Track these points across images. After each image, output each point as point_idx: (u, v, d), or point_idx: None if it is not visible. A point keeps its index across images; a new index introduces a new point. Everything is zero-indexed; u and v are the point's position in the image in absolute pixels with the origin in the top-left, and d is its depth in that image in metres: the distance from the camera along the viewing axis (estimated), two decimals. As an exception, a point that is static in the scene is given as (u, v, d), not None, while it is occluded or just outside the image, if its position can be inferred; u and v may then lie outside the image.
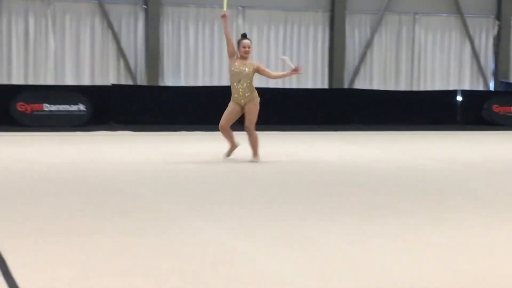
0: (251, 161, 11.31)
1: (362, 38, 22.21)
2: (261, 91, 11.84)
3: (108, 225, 6.37)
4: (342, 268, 5.00)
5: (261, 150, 11.48)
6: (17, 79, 19.63)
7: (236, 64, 11.29)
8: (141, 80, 20.56)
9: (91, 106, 18.19)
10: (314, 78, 21.88)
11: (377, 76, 22.37)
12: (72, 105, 18.08)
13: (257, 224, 6.52)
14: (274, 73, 11.99)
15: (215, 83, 20.47)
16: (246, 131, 11.36)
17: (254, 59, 21.26)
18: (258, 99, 11.36)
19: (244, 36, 11.48)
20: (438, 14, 22.60)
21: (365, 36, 22.21)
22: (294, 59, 21.62)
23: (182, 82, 20.57)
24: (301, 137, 16.47)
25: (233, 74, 11.30)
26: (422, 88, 22.46)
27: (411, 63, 22.60)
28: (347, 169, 10.79)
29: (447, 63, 22.85)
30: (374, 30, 22.07)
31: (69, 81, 20.01)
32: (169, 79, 20.70)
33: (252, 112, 11.32)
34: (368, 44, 22.12)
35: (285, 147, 14.17)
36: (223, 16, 11.42)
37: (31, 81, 19.70)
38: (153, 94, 19.19)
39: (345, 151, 13.68)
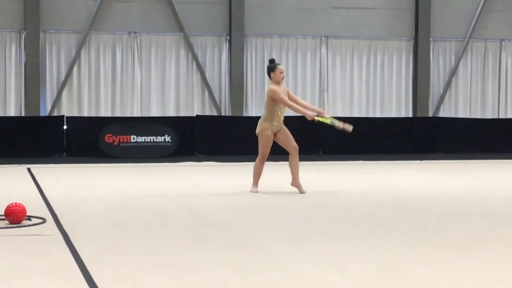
0: (300, 192, 11.09)
1: (447, 65, 21.94)
2: (344, 120, 11.73)
3: (204, 258, 6.39)
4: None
5: (345, 179, 11.39)
6: (105, 112, 20.03)
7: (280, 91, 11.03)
8: (226, 111, 20.73)
9: (176, 137, 18.44)
10: (398, 106, 21.68)
11: (462, 104, 22.03)
12: (159, 136, 18.36)
13: (352, 256, 6.46)
14: (298, 102, 11.46)
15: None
16: (294, 153, 11.15)
17: (338, 88, 21.26)
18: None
19: (274, 61, 11.25)
20: (525, 40, 22.20)
21: (450, 63, 21.93)
22: (378, 88, 21.49)
23: (266, 112, 20.59)
24: (385, 166, 16.30)
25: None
26: (509, 116, 22.01)
27: (498, 90, 22.19)
28: (437, 199, 10.63)
29: (535, 90, 22.37)
30: (459, 57, 21.78)
31: (155, 112, 20.31)
32: (253, 109, 20.80)
33: (289, 134, 11.24)
34: (453, 72, 21.83)
35: (369, 176, 14.06)
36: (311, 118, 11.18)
37: (118, 113, 20.07)
38: (238, 125, 19.30)
39: (431, 180, 13.49)
